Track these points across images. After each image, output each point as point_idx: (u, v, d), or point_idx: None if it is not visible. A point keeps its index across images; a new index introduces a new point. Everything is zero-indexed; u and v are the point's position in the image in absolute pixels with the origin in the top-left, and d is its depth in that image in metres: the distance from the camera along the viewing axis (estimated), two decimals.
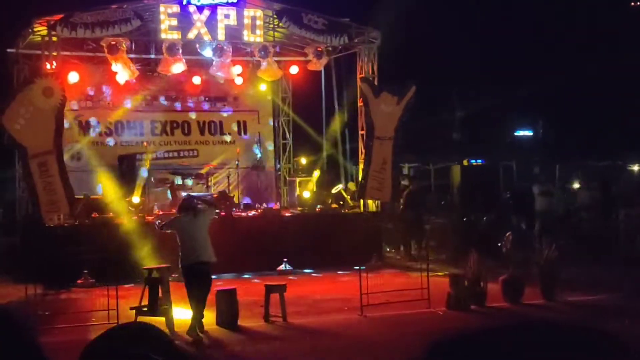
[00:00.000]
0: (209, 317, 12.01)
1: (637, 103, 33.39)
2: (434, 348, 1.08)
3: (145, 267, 13.00)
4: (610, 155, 25.63)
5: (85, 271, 16.29)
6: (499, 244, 15.55)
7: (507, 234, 14.18)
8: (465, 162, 20.80)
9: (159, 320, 11.46)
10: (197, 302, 11.55)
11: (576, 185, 22.52)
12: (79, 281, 16.33)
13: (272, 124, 23.48)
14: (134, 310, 12.00)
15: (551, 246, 13.90)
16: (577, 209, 20.96)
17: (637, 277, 14.38)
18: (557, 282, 13.68)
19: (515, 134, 42.83)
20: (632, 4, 41.16)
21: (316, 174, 21.38)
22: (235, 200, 20.42)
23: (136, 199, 19.00)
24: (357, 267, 13.34)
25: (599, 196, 19.71)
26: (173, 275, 13.44)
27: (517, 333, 0.98)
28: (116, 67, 18.87)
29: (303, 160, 22.57)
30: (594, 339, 1.26)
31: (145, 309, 12.15)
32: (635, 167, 24.77)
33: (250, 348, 10.86)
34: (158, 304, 12.13)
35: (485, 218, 17.23)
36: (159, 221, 13.57)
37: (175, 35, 18.65)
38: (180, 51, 18.82)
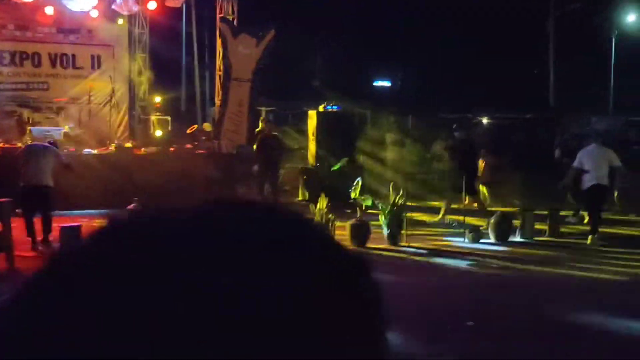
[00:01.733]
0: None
1: (491, 60, 34.65)
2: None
3: None
4: (462, 109, 26.46)
5: None
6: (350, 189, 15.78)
7: (357, 180, 14.40)
8: (321, 108, 20.91)
9: None
10: None
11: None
12: None
13: (127, 60, 22.82)
14: None
15: (398, 194, 14.24)
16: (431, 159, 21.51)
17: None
18: (401, 229, 14.05)
19: (374, 84, 43.49)
20: None
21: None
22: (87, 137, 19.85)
23: None
24: None
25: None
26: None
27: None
28: None
29: (157, 99, 22.12)
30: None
31: None
32: (485, 120, 25.71)
33: None
34: None
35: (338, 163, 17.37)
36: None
37: None
38: None
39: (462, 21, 35.88)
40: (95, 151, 18.76)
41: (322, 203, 13.88)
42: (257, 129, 20.18)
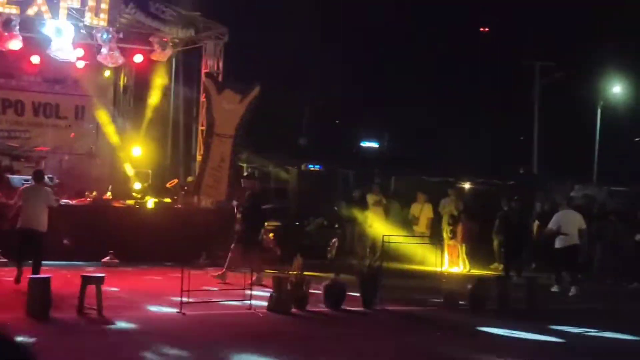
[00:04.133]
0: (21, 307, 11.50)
1: (477, 124, 34.89)
2: None
3: None
4: (444, 172, 26.49)
5: None
6: (327, 249, 15.70)
7: (333, 241, 14.31)
8: (303, 167, 20.91)
9: None
10: None
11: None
12: None
13: (111, 111, 22.78)
14: None
15: (374, 255, 14.12)
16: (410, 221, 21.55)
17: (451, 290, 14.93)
18: (377, 291, 13.89)
19: (362, 144, 43.60)
20: (481, 29, 42.89)
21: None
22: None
23: None
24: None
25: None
26: None
27: None
28: None
29: (135, 151, 21.91)
30: None
31: None
32: (467, 185, 25.72)
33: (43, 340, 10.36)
34: None
35: (313, 223, 17.33)
36: None
37: (13, 10, 17.81)
38: (18, 27, 17.98)
39: (449, 85, 36.18)
40: (73, 202, 18.61)
41: (297, 262, 13.71)
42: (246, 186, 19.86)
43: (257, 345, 10.41)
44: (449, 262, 20.32)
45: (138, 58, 21.29)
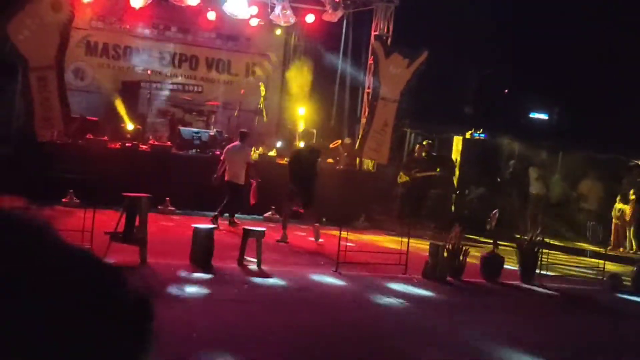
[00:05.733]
0: (185, 254, 11.97)
1: None
2: None
3: (125, 194, 12.80)
4: (618, 149, 25.26)
5: (71, 191, 16.23)
6: (487, 220, 15.37)
7: (494, 212, 13.98)
8: (468, 135, 20.53)
9: (132, 249, 11.44)
10: None
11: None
12: (64, 200, 16.27)
13: (281, 70, 23.16)
14: (109, 235, 11.88)
15: (536, 230, 13.72)
16: (577, 198, 20.85)
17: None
18: (536, 266, 13.53)
19: (530, 115, 42.35)
20: None
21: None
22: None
23: (130, 126, 18.86)
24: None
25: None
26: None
27: None
28: None
29: (301, 110, 22.15)
30: None
31: (120, 235, 12.03)
32: None
33: (206, 289, 10.70)
34: (133, 232, 12.01)
35: (474, 193, 17.01)
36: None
37: None
38: None
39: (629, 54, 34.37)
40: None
41: (456, 231, 13.51)
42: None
43: (411, 310, 10.39)
44: (615, 242, 19.50)
45: (310, 18, 21.49)
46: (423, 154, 19.32)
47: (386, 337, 8.89)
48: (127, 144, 17.87)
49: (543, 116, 42.82)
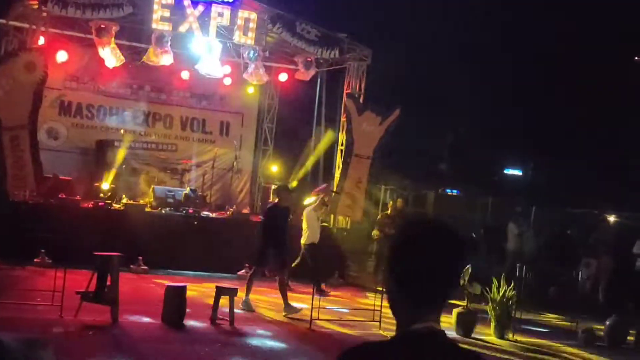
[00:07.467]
0: (157, 313, 11.88)
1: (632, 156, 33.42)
2: None
3: (96, 253, 12.73)
4: (588, 203, 25.53)
5: (43, 250, 16.11)
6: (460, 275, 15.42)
7: (466, 267, 14.00)
8: (440, 191, 20.69)
9: (104, 309, 11.37)
10: None
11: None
12: (35, 260, 16.12)
13: (255, 128, 23.28)
14: (80, 295, 11.79)
15: (509, 285, 13.75)
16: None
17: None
18: (510, 322, 13.55)
19: (505, 171, 42.69)
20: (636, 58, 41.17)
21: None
22: (208, 200, 20.31)
23: (106, 185, 18.82)
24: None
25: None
26: None
27: None
28: (103, 52, 18.52)
29: (274, 168, 22.29)
30: None
31: (92, 295, 11.94)
32: (612, 218, 24.66)
33: (177, 347, 10.63)
34: (105, 291, 11.92)
35: None
36: None
37: (166, 27, 18.47)
38: (169, 43, 18.62)
39: (600, 117, 34.91)
40: (213, 215, 19.07)
41: None
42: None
43: None
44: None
45: (283, 77, 21.71)
46: (397, 211, 19.41)
47: None
48: (100, 203, 17.82)
49: (517, 172, 43.18)
